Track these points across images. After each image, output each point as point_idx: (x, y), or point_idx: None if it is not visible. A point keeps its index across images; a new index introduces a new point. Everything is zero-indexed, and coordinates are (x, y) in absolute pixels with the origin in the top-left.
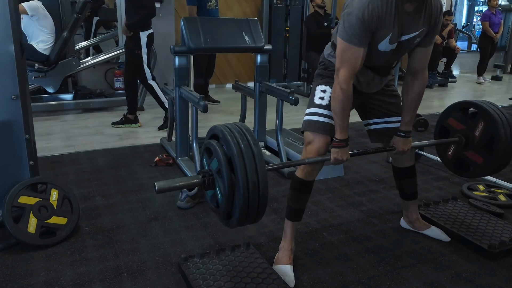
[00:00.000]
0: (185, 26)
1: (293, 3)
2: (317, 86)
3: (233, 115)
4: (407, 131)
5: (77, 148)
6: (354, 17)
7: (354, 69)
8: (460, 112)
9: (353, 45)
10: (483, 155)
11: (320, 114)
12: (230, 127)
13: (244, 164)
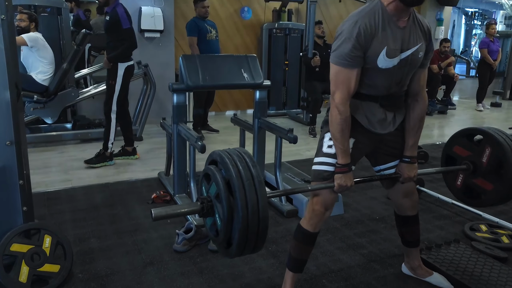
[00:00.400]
0: (184, 64)
1: (292, 33)
2: (325, 134)
3: (233, 144)
4: (412, 156)
5: (74, 182)
6: (344, 38)
7: (349, 91)
8: (465, 139)
9: (345, 67)
10: (492, 182)
11: (328, 164)
12: (229, 151)
13: (243, 186)
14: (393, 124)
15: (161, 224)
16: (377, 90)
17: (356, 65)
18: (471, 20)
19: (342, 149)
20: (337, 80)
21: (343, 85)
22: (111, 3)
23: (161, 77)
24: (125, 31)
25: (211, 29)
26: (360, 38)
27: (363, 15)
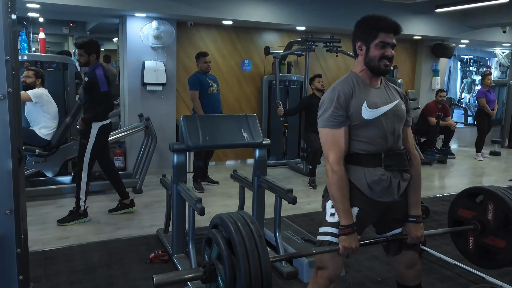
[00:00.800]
0: (185, 125)
1: (292, 84)
2: (327, 202)
3: (233, 198)
4: (417, 215)
5: (71, 240)
6: (326, 104)
7: (340, 150)
8: (467, 199)
9: (332, 127)
10: (504, 238)
11: (333, 234)
12: (230, 214)
13: (243, 242)
14: (397, 191)
15: None
16: (376, 145)
17: (341, 124)
18: (467, 67)
19: (342, 209)
20: (327, 142)
21: (333, 145)
22: (91, 64)
23: (163, 128)
24: (103, 94)
25: (213, 83)
26: (340, 99)
27: (339, 83)
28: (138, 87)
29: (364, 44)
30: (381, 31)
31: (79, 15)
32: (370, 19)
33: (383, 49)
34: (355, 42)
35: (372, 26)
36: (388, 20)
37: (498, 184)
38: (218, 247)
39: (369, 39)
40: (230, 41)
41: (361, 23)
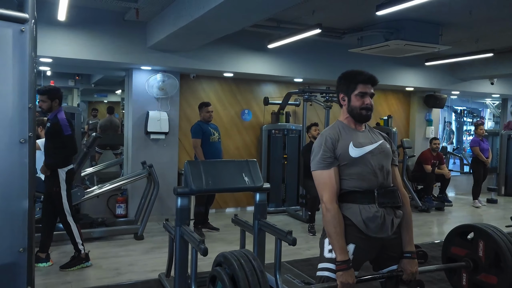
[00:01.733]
0: (188, 169)
1: (290, 133)
2: (325, 240)
3: (232, 244)
4: (411, 251)
5: (74, 285)
6: (316, 149)
7: (333, 188)
8: (459, 238)
9: (323, 169)
10: (496, 274)
11: (331, 270)
12: (233, 252)
13: (246, 276)
14: (391, 227)
15: None
16: (367, 181)
17: (331, 165)
18: (461, 118)
19: (338, 246)
20: (320, 183)
21: (325, 185)
22: (53, 110)
23: (164, 175)
24: (66, 138)
25: (214, 132)
26: (327, 143)
27: (326, 130)
28: (142, 136)
29: (346, 95)
30: (359, 83)
31: (87, 69)
32: (349, 74)
33: (362, 98)
34: (338, 94)
35: (351, 80)
36: (364, 73)
37: None
38: (222, 284)
39: (349, 91)
40: (231, 92)
41: (342, 78)
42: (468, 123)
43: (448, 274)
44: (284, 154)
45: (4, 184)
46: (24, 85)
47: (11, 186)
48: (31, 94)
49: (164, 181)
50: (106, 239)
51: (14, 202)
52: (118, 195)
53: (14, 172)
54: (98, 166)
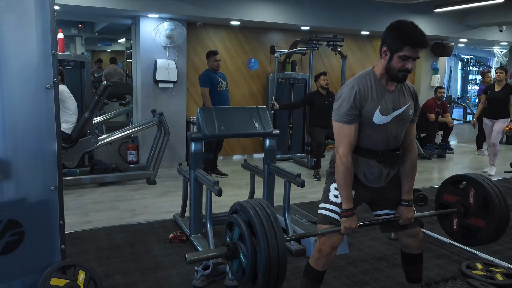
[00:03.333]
0: (201, 116)
1: (296, 82)
2: (331, 184)
3: (242, 188)
4: (409, 199)
5: (95, 224)
6: (343, 100)
7: (351, 143)
8: (451, 186)
9: (345, 123)
10: (483, 218)
11: (334, 211)
12: (248, 200)
13: (262, 223)
14: (385, 179)
15: (179, 263)
16: (376, 145)
17: (354, 121)
18: (467, 67)
19: (345, 196)
20: (339, 135)
21: (344, 138)
22: None
23: (174, 123)
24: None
25: (222, 80)
26: (356, 100)
27: (358, 81)
28: (150, 84)
29: (388, 51)
30: (407, 45)
31: (90, 16)
32: (400, 30)
33: (405, 61)
34: (382, 45)
35: (399, 38)
36: (416, 35)
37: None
38: (239, 229)
39: (394, 49)
40: (237, 41)
41: (391, 31)
42: (474, 72)
43: (440, 219)
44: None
45: (35, 128)
46: (46, 33)
47: (41, 129)
48: (53, 42)
49: (173, 130)
50: (120, 183)
51: (45, 145)
52: (129, 142)
53: (42, 117)
54: (107, 115)
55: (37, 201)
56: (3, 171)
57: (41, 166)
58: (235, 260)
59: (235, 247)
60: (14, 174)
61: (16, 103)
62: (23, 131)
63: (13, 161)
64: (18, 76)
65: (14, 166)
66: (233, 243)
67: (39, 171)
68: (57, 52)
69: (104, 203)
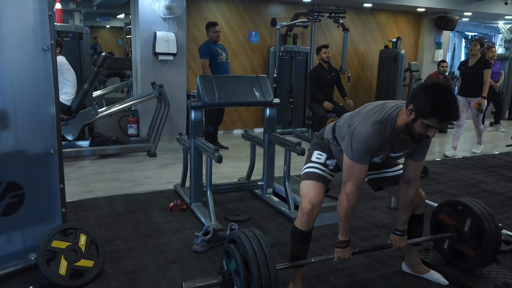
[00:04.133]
0: (201, 84)
1: (298, 55)
2: (315, 151)
3: (242, 161)
4: (403, 230)
5: (96, 193)
6: (360, 142)
7: (359, 182)
8: (450, 208)
9: (357, 163)
10: (474, 248)
11: (315, 167)
12: (246, 233)
13: (258, 264)
14: None
15: (180, 229)
16: None
17: (366, 162)
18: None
19: (344, 229)
20: (349, 173)
21: (354, 178)
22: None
23: (173, 96)
24: None
25: (222, 52)
26: (373, 148)
27: (379, 128)
28: (150, 57)
29: (415, 113)
30: (435, 117)
31: None
32: (433, 98)
33: (427, 128)
34: (410, 101)
35: (429, 107)
36: (448, 110)
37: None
38: (236, 264)
39: (421, 114)
40: (238, 13)
41: (425, 93)
42: None
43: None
44: (291, 76)
45: (33, 90)
46: None
47: (39, 92)
48: (50, 2)
49: (173, 102)
50: (120, 156)
51: (43, 108)
52: (129, 115)
53: (40, 79)
54: (107, 89)
55: (36, 164)
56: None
57: (40, 129)
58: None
59: (230, 278)
60: (13, 138)
61: (14, 64)
62: (21, 94)
63: (12, 124)
64: (15, 36)
65: (13, 129)
66: (228, 273)
67: (38, 134)
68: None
69: (105, 174)
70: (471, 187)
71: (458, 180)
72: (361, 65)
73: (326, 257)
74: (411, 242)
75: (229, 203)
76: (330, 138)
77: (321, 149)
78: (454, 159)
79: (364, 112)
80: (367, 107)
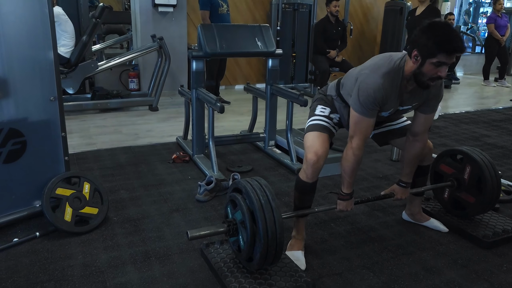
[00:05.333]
0: (202, 33)
1: (301, 8)
2: (318, 105)
3: (244, 115)
4: (407, 182)
5: (98, 146)
6: (367, 95)
7: (366, 137)
8: (449, 158)
9: (365, 116)
10: (474, 195)
11: (320, 120)
12: (252, 184)
13: (264, 217)
14: None
15: (183, 180)
16: None
17: (374, 115)
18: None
19: (348, 181)
20: (356, 127)
21: (361, 132)
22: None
23: (174, 50)
24: None
25: (223, 3)
26: (382, 100)
27: (386, 80)
28: (149, 8)
29: (420, 57)
30: (442, 52)
31: None
32: (434, 34)
33: (438, 67)
34: (413, 47)
35: (434, 44)
36: (453, 41)
37: (499, 105)
38: (242, 216)
39: (427, 55)
40: None
41: (424, 33)
42: (486, 4)
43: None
44: (294, 30)
45: (29, 34)
46: None
47: (36, 36)
48: None
49: (174, 56)
50: (122, 110)
51: (40, 52)
52: (130, 70)
53: (37, 23)
54: (106, 42)
55: (37, 111)
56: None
57: (38, 76)
58: (234, 237)
59: (235, 227)
60: (12, 85)
61: (7, 9)
62: (17, 40)
63: (10, 71)
64: None
65: (11, 76)
66: (234, 222)
67: (36, 80)
68: None
69: (107, 127)
70: (474, 140)
71: (461, 134)
72: (365, 18)
73: (329, 206)
74: (413, 192)
75: (231, 155)
76: (334, 94)
77: (325, 104)
78: (457, 114)
79: (371, 65)
80: (374, 59)
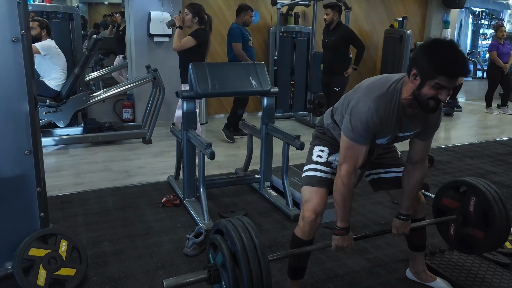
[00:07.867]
0: (193, 72)
1: (299, 36)
2: (315, 146)
3: (240, 148)
4: (407, 215)
5: (86, 186)
6: (359, 121)
7: (356, 165)
8: (452, 190)
9: (356, 143)
10: (482, 230)
11: (317, 170)
12: (234, 222)
13: (247, 258)
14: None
15: (171, 228)
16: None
17: (366, 143)
18: (479, 20)
19: (341, 215)
20: (346, 154)
21: (351, 159)
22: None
23: (170, 80)
24: None
25: (250, 37)
26: (375, 127)
27: (381, 105)
28: (144, 39)
29: (419, 76)
30: (442, 75)
31: None
32: (436, 54)
33: (438, 90)
34: (412, 66)
35: (435, 65)
36: (456, 64)
37: (504, 136)
38: (223, 258)
39: (426, 76)
40: None
41: (426, 52)
42: (485, 25)
43: (437, 224)
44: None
45: (2, 86)
46: None
47: (9, 87)
48: None
49: (169, 86)
50: (114, 143)
51: (14, 104)
52: (125, 100)
53: (11, 73)
54: (102, 70)
55: (9, 165)
56: None
57: (12, 129)
58: (217, 284)
59: (217, 272)
60: None
61: None
62: None
63: None
64: None
65: None
66: (215, 267)
67: (9, 133)
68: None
69: (97, 163)
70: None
71: (466, 170)
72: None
73: (324, 244)
74: (414, 227)
75: (224, 197)
76: (329, 122)
77: (322, 143)
78: (460, 146)
79: (364, 87)
80: (368, 81)
